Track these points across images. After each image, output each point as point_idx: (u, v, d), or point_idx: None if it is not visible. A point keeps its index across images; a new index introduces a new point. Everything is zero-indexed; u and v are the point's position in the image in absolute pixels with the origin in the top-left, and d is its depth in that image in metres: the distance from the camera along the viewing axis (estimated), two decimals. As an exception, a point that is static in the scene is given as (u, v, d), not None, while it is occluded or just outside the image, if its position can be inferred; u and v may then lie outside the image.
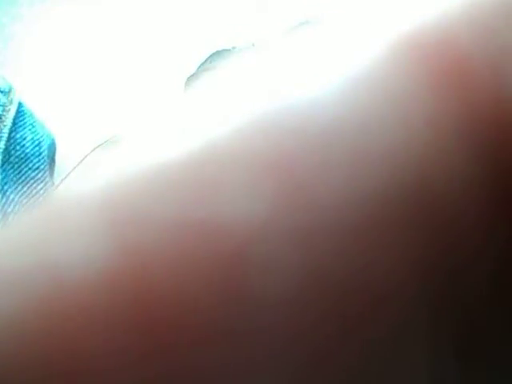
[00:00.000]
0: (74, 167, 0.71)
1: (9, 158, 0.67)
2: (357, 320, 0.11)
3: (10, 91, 0.70)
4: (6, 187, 0.67)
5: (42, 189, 0.71)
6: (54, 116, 0.70)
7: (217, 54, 0.77)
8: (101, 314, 0.10)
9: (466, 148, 0.11)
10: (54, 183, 0.73)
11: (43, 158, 0.72)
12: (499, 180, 0.11)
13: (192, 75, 0.75)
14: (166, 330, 0.10)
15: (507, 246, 0.11)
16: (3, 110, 0.68)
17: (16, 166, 0.69)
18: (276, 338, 0.10)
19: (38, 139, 0.72)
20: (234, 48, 0.77)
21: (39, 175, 0.71)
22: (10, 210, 0.65)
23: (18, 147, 0.70)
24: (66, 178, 0.71)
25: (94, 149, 0.72)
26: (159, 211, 0.10)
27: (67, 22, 0.77)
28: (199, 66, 0.77)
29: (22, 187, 0.69)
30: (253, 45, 0.76)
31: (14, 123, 0.70)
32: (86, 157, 0.72)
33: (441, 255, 0.11)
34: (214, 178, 0.11)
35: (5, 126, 0.66)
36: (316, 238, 0.11)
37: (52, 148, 0.73)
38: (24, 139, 0.71)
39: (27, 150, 0.70)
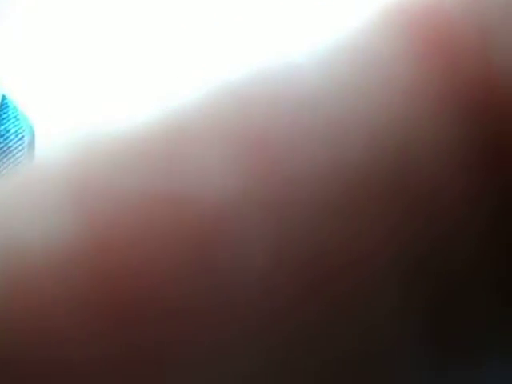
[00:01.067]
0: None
1: (-9, 150, 0.68)
2: (326, 282, 0.10)
3: (-7, 83, 0.71)
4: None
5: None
6: (35, 109, 0.69)
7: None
8: (67, 286, 0.10)
9: (451, 111, 0.11)
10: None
11: (25, 152, 0.72)
12: (487, 144, 0.11)
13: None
14: (134, 303, 0.10)
15: (495, 214, 0.11)
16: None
17: (-2, 158, 0.70)
18: (249, 311, 0.10)
19: (20, 133, 0.72)
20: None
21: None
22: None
23: (0, 139, 0.71)
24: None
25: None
26: (128, 183, 0.10)
27: (51, 15, 0.75)
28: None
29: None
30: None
31: (-2, 115, 0.71)
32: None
33: (423, 224, 0.11)
34: (186, 149, 0.10)
35: (-12, 117, 0.68)
36: (291, 211, 0.10)
37: (32, 141, 0.72)
38: (7, 131, 0.71)
39: (10, 144, 0.70)
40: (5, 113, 0.69)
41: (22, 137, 0.70)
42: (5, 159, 0.69)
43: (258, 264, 0.10)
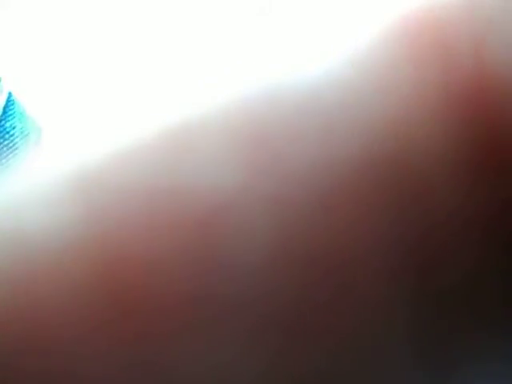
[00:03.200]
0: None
1: (-3, 147, 0.68)
2: (325, 277, 0.11)
3: None
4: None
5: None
6: (41, 108, 0.69)
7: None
8: (70, 280, 0.10)
9: (446, 113, 0.11)
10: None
11: (31, 149, 0.72)
12: (482, 144, 0.11)
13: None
14: (135, 296, 0.10)
15: (487, 211, 0.11)
16: (-7, 99, 0.69)
17: (3, 155, 0.70)
18: (248, 304, 0.10)
19: (26, 129, 0.72)
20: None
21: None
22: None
23: (6, 136, 0.71)
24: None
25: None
26: (131, 179, 0.10)
27: (57, 13, 0.75)
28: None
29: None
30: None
31: (4, 112, 0.71)
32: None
33: (417, 221, 0.11)
34: (188, 146, 0.11)
35: (-6, 113, 0.67)
36: (290, 208, 0.11)
37: (38, 139, 0.72)
38: (13, 128, 0.71)
39: (16, 140, 0.70)
40: (11, 109, 0.70)
41: (28, 134, 0.70)
42: (10, 156, 0.69)
43: (257, 258, 0.10)
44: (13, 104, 0.70)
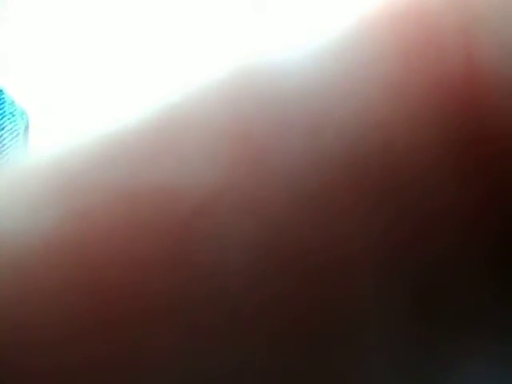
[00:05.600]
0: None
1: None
2: (307, 276, 0.10)
3: (-9, 78, 0.69)
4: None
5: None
6: (31, 104, 0.67)
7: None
8: (49, 276, 0.10)
9: (435, 107, 0.11)
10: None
11: (19, 149, 0.70)
12: (469, 139, 0.11)
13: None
14: (114, 293, 0.10)
15: (476, 203, 0.11)
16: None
17: (-8, 156, 0.68)
18: (229, 305, 0.10)
19: (16, 130, 0.70)
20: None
21: (15, 169, 0.68)
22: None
23: None
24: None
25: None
26: (111, 179, 0.10)
27: (47, 11, 0.74)
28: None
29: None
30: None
31: (-6, 111, 0.68)
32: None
33: (403, 215, 0.11)
34: (169, 143, 0.10)
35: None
36: (272, 206, 0.10)
37: (27, 138, 0.70)
38: (3, 129, 0.69)
39: (5, 141, 0.68)
40: (1, 108, 0.67)
41: (17, 134, 0.68)
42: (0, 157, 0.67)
43: (238, 258, 0.10)
44: (3, 103, 0.67)
